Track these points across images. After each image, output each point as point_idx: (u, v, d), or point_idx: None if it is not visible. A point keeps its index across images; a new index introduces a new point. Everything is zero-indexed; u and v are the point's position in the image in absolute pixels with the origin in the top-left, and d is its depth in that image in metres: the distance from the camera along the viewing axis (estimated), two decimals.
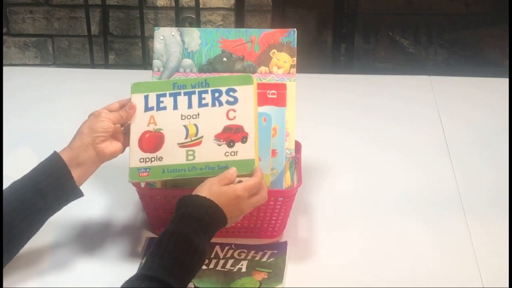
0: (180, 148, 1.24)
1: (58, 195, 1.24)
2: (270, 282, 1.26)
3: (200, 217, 1.15)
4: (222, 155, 1.22)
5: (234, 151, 1.23)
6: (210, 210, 1.16)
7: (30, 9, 2.70)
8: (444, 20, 2.96)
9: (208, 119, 1.25)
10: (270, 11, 2.68)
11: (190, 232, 1.13)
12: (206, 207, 1.16)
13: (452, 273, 1.30)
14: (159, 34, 1.42)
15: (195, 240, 1.13)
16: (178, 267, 1.10)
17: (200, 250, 1.13)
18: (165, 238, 1.12)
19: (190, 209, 1.15)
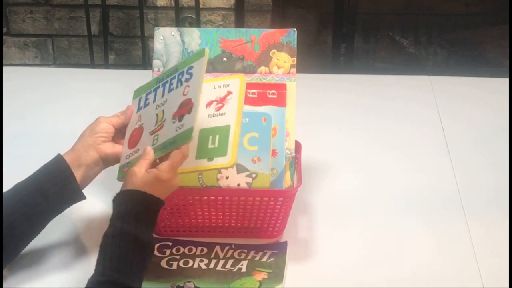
0: (150, 135, 1.25)
1: (61, 197, 1.24)
2: (270, 282, 1.26)
3: (135, 211, 1.16)
4: (174, 131, 1.22)
5: (182, 124, 1.22)
6: (142, 201, 1.17)
7: (30, 9, 2.70)
8: (444, 20, 2.96)
9: (171, 101, 1.26)
10: (270, 11, 2.68)
11: (130, 228, 1.13)
12: (137, 200, 1.17)
13: (452, 273, 1.31)
14: (159, 34, 1.42)
15: (138, 234, 1.13)
16: (129, 265, 1.11)
17: (145, 242, 1.14)
18: (108, 242, 1.13)
19: (124, 206, 1.16)
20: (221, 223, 1.37)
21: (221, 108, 1.27)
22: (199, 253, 1.34)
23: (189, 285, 1.26)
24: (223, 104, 1.27)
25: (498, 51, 2.87)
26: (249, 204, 1.33)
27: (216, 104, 1.28)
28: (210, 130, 1.26)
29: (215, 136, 1.25)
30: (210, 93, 1.29)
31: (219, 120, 1.26)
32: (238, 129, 1.24)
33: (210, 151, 1.24)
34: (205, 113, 1.27)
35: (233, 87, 1.28)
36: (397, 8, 2.92)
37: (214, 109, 1.28)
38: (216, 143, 1.24)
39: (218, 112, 1.27)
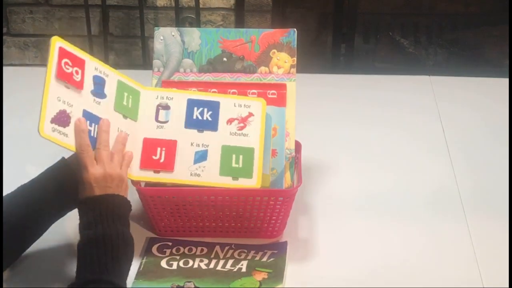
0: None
1: (64, 202, 1.25)
2: (270, 282, 1.26)
3: (115, 211, 1.18)
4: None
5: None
6: (119, 204, 1.20)
7: (30, 9, 2.70)
8: (444, 20, 2.95)
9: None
10: (270, 11, 2.67)
11: (111, 230, 1.15)
12: (114, 202, 1.19)
13: (452, 273, 1.30)
14: (159, 34, 1.42)
15: (125, 232, 1.17)
16: (119, 265, 1.13)
17: (132, 240, 1.17)
18: (87, 247, 1.14)
19: (97, 211, 1.17)
20: (221, 223, 1.37)
21: (243, 128, 1.31)
22: (199, 253, 1.34)
23: (189, 285, 1.26)
24: (245, 124, 1.31)
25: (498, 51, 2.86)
26: (249, 204, 1.33)
27: (237, 123, 1.31)
28: (233, 148, 1.30)
29: (239, 156, 1.29)
30: (231, 110, 1.32)
31: (242, 140, 1.30)
32: (261, 153, 1.30)
33: (234, 170, 1.29)
34: (227, 130, 1.31)
35: (254, 110, 1.32)
36: (397, 8, 2.91)
37: (236, 127, 1.31)
38: (240, 163, 1.29)
39: (240, 132, 1.31)
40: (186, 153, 1.30)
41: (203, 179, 1.28)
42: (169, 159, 1.29)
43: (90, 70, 1.26)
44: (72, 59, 1.25)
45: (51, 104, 1.20)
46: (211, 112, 1.32)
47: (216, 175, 1.29)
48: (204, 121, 1.31)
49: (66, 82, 1.22)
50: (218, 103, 1.33)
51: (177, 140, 1.30)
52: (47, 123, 1.19)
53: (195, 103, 1.33)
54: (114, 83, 1.29)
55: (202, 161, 1.29)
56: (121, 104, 1.29)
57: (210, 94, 1.35)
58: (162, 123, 1.32)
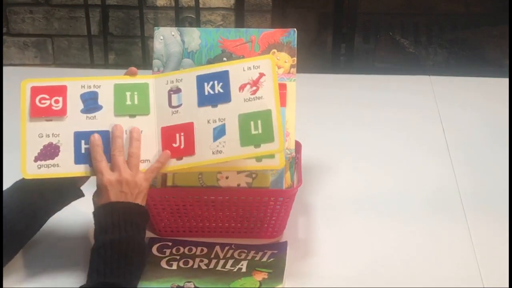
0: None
1: (59, 195, 1.25)
2: (270, 282, 1.26)
3: (135, 220, 1.19)
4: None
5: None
6: (138, 213, 1.20)
7: (30, 9, 2.70)
8: (444, 20, 2.96)
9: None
10: (270, 11, 2.68)
11: (123, 236, 1.16)
12: (134, 211, 1.20)
13: (452, 273, 1.30)
14: (159, 34, 1.42)
15: (142, 243, 1.18)
16: (133, 271, 1.15)
17: (140, 246, 1.18)
18: (100, 251, 1.15)
19: (109, 217, 1.18)
20: (221, 223, 1.37)
21: (256, 91, 1.26)
22: (199, 253, 1.34)
23: (189, 285, 1.26)
24: (258, 87, 1.26)
25: (498, 51, 2.86)
26: (249, 204, 1.33)
27: (250, 87, 1.27)
28: (250, 115, 1.25)
29: (257, 121, 1.24)
30: (241, 75, 1.28)
31: (257, 105, 1.25)
32: (279, 113, 1.24)
33: (255, 137, 1.24)
34: (240, 97, 1.26)
35: (264, 69, 1.27)
36: (397, 8, 2.91)
37: (249, 92, 1.26)
38: (260, 129, 1.24)
39: (254, 96, 1.26)
40: (204, 132, 1.25)
41: (226, 155, 1.23)
42: (188, 143, 1.25)
43: (75, 92, 1.27)
44: (49, 92, 1.27)
45: (31, 144, 1.24)
46: (221, 83, 1.28)
47: (237, 147, 1.24)
48: (216, 94, 1.27)
49: (44, 116, 1.25)
50: (227, 72, 1.28)
51: (193, 121, 1.26)
52: (29, 164, 1.22)
53: (204, 78, 1.29)
54: (110, 90, 1.29)
55: (221, 136, 1.25)
56: (123, 106, 1.28)
57: (217, 64, 1.31)
58: (176, 107, 1.28)
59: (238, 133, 1.24)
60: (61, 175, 1.23)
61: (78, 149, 1.24)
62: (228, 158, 1.24)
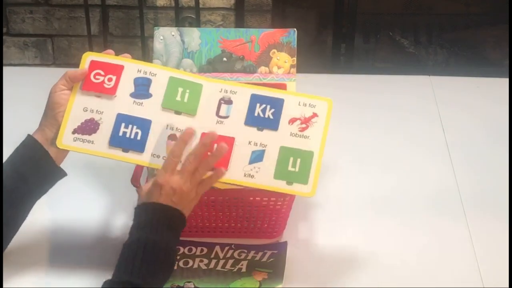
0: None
1: (40, 177, 1.23)
2: (270, 282, 1.26)
3: (175, 227, 1.17)
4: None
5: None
6: (179, 220, 1.18)
7: (30, 9, 2.70)
8: (444, 20, 2.96)
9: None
10: (270, 11, 2.67)
11: (158, 238, 1.14)
12: (176, 217, 1.17)
13: (452, 273, 1.30)
14: (159, 34, 1.42)
15: (174, 250, 1.16)
16: (160, 277, 1.13)
17: (176, 255, 1.17)
18: (132, 247, 1.13)
19: (150, 216, 1.16)
20: (221, 223, 1.37)
21: (305, 129, 1.25)
22: (199, 253, 1.34)
23: (189, 285, 1.26)
24: (308, 125, 1.26)
25: (498, 51, 2.86)
26: (249, 204, 1.33)
27: (300, 123, 1.26)
28: (292, 151, 1.24)
29: (297, 159, 1.23)
30: (295, 109, 1.26)
31: (302, 143, 1.24)
32: (320, 158, 1.24)
33: (290, 174, 1.23)
34: (288, 130, 1.25)
35: (319, 110, 1.26)
36: (397, 8, 2.91)
37: (298, 128, 1.25)
38: (297, 167, 1.23)
39: (301, 133, 1.25)
40: (242, 152, 1.24)
41: (257, 181, 1.22)
42: (224, 157, 1.22)
43: (130, 74, 1.26)
44: (105, 68, 1.26)
45: (74, 115, 1.23)
46: (273, 109, 1.26)
47: (270, 178, 1.23)
48: (265, 119, 1.25)
49: (94, 91, 1.24)
50: (282, 101, 1.27)
51: (235, 137, 1.24)
52: (67, 134, 1.22)
53: (258, 99, 1.27)
54: (165, 81, 1.27)
55: (257, 161, 1.23)
56: (172, 100, 1.25)
57: (275, 90, 1.29)
58: (223, 118, 1.26)
59: (275, 164, 1.23)
60: (92, 152, 1.22)
61: (116, 131, 1.23)
62: (258, 185, 1.23)
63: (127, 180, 1.33)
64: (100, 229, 1.41)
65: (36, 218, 1.32)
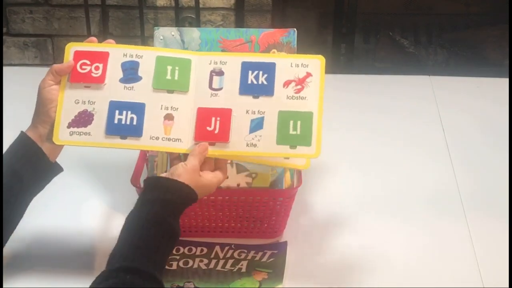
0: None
1: (35, 174, 1.22)
2: (270, 282, 1.26)
3: (182, 206, 1.15)
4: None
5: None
6: (191, 201, 1.16)
7: (30, 9, 2.70)
8: (444, 20, 2.95)
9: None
10: (270, 11, 2.67)
11: (172, 219, 1.12)
12: (188, 197, 1.16)
13: (452, 273, 1.30)
14: (159, 34, 1.42)
15: (175, 227, 1.12)
16: (161, 257, 1.09)
17: (178, 236, 1.13)
18: (149, 227, 1.10)
19: (175, 197, 1.14)
20: (221, 223, 1.37)
21: (301, 90, 1.23)
22: (199, 253, 1.34)
23: (189, 285, 1.26)
24: (303, 86, 1.24)
25: (498, 51, 2.86)
26: (249, 204, 1.33)
27: (295, 85, 1.23)
28: (291, 114, 1.22)
29: (297, 121, 1.21)
30: (287, 71, 1.24)
31: (300, 104, 1.22)
32: (321, 118, 1.22)
33: (292, 138, 1.21)
34: (284, 94, 1.23)
35: (312, 69, 1.25)
36: (397, 8, 2.91)
37: (293, 90, 1.23)
38: (298, 130, 1.21)
39: (298, 95, 1.23)
40: (241, 122, 1.21)
41: (260, 149, 1.20)
42: (224, 130, 1.21)
43: (116, 59, 1.25)
44: (91, 57, 1.25)
45: (67, 109, 1.22)
46: (266, 75, 1.24)
47: (273, 144, 1.20)
48: (259, 85, 1.23)
49: (83, 82, 1.23)
50: (274, 65, 1.25)
51: (232, 108, 1.23)
52: (62, 130, 1.20)
53: (249, 66, 1.25)
54: (152, 61, 1.25)
55: (258, 129, 1.21)
56: (163, 79, 1.24)
57: (265, 54, 1.28)
58: (216, 90, 1.24)
59: (275, 129, 1.21)
60: (91, 144, 1.21)
61: (111, 119, 1.21)
62: (262, 153, 1.21)
63: (127, 180, 1.33)
64: (100, 229, 1.41)
65: (36, 218, 1.33)
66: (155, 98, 1.23)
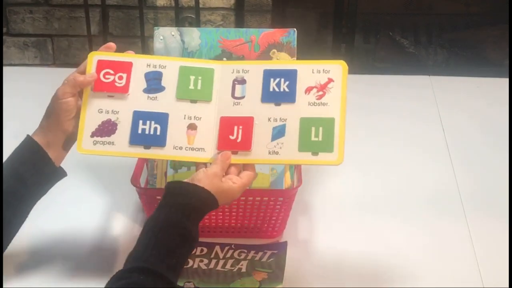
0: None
1: (39, 179, 1.22)
2: (270, 282, 1.26)
3: (201, 210, 1.13)
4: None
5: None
6: (210, 206, 1.15)
7: (30, 9, 2.70)
8: (444, 20, 2.96)
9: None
10: (270, 11, 2.68)
11: (189, 224, 1.11)
12: (208, 202, 1.14)
13: (452, 273, 1.30)
14: (159, 34, 1.42)
15: (192, 231, 1.11)
16: (176, 260, 1.08)
17: (195, 240, 1.12)
18: (164, 229, 1.09)
19: (193, 201, 1.13)
20: (221, 223, 1.37)
21: (322, 96, 1.23)
22: (199, 253, 1.34)
23: (189, 285, 1.26)
24: (324, 92, 1.23)
25: (498, 51, 2.86)
26: (249, 204, 1.33)
27: (316, 91, 1.23)
28: (312, 120, 1.21)
29: (319, 128, 1.21)
30: (309, 77, 1.24)
31: (321, 110, 1.22)
32: (343, 123, 1.22)
33: (314, 144, 1.20)
34: (305, 100, 1.23)
35: (334, 74, 1.24)
36: (397, 8, 2.91)
37: (315, 97, 1.23)
38: (320, 136, 1.20)
39: (319, 101, 1.22)
40: (263, 129, 1.21)
41: (282, 157, 1.20)
42: (246, 138, 1.21)
43: (140, 69, 1.25)
44: (114, 67, 1.24)
45: (90, 119, 1.22)
46: (288, 82, 1.23)
47: (295, 151, 1.20)
48: (281, 93, 1.23)
49: (106, 92, 1.23)
50: (295, 71, 1.24)
51: (254, 116, 1.22)
52: (86, 139, 1.21)
53: (271, 73, 1.25)
54: (175, 71, 1.25)
55: (280, 137, 1.20)
56: (186, 89, 1.24)
57: (286, 61, 1.27)
58: (239, 99, 1.23)
59: (297, 136, 1.20)
60: (114, 154, 1.21)
61: (135, 128, 1.21)
62: (283, 161, 1.21)
63: (127, 180, 1.33)
64: (100, 229, 1.41)
65: (36, 218, 1.32)
66: (178, 108, 1.23)
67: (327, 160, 1.20)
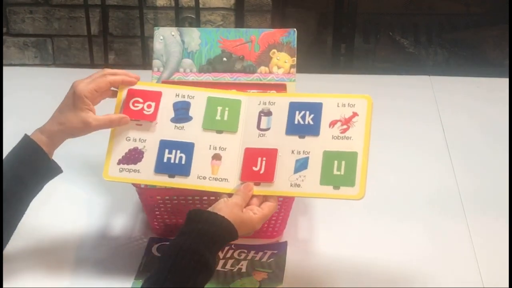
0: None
1: (37, 177, 1.23)
2: (270, 282, 1.26)
3: (219, 239, 1.13)
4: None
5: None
6: (229, 236, 1.15)
7: (30, 9, 2.70)
8: (444, 20, 2.96)
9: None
10: (270, 11, 2.68)
11: (207, 252, 1.10)
12: (227, 231, 1.14)
13: (452, 273, 1.30)
14: (159, 34, 1.42)
15: (209, 260, 1.10)
16: (189, 285, 1.07)
17: (212, 269, 1.11)
18: (181, 254, 1.09)
19: (213, 229, 1.12)
20: None
21: (346, 130, 1.23)
22: None
23: None
24: (349, 126, 1.24)
25: (498, 51, 2.87)
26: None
27: (340, 125, 1.24)
28: (335, 154, 1.22)
29: (341, 162, 1.21)
30: (334, 111, 1.24)
31: (345, 144, 1.22)
32: (366, 158, 1.22)
33: (336, 178, 1.20)
34: (329, 134, 1.23)
35: (359, 108, 1.25)
36: (397, 8, 2.91)
37: (339, 130, 1.23)
38: (342, 170, 1.20)
39: (343, 135, 1.23)
40: (286, 162, 1.21)
41: (304, 190, 1.20)
42: (269, 170, 1.22)
43: (169, 99, 1.27)
44: (143, 96, 1.27)
45: (118, 146, 1.24)
46: (313, 115, 1.24)
47: (316, 184, 1.20)
48: (305, 125, 1.23)
49: (134, 119, 1.25)
50: (321, 105, 1.25)
51: (278, 148, 1.23)
52: (112, 166, 1.23)
53: (297, 106, 1.26)
54: (203, 102, 1.27)
55: (302, 169, 1.21)
56: (212, 120, 1.26)
57: (312, 95, 1.28)
58: (264, 130, 1.25)
59: (320, 170, 1.21)
60: (139, 181, 1.24)
61: (161, 157, 1.24)
62: (305, 194, 1.21)
63: None
64: (100, 229, 1.41)
65: (36, 218, 1.33)
66: (204, 138, 1.25)
67: (348, 195, 1.20)
